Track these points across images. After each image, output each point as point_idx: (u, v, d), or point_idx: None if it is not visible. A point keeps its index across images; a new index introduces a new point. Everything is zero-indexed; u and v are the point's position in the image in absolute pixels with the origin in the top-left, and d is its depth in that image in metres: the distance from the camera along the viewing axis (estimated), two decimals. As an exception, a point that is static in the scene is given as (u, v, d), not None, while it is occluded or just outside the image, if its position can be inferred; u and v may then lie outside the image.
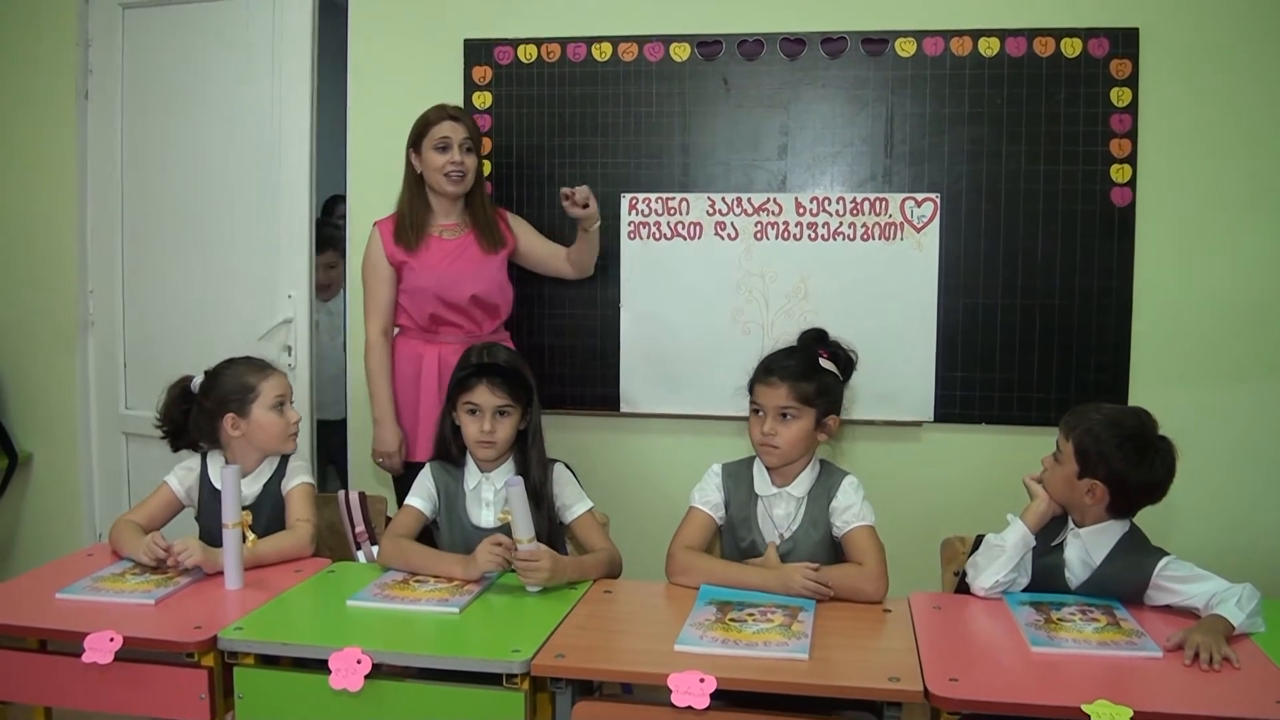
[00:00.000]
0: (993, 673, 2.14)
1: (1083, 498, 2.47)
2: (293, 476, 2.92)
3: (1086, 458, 2.45)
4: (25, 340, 4.28)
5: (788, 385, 2.64)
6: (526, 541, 2.51)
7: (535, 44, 3.84)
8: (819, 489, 2.68)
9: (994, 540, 2.53)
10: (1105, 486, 2.44)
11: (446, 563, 2.65)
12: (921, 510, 3.41)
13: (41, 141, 4.22)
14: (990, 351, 3.65)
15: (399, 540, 2.75)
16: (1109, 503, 2.46)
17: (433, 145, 3.42)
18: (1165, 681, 2.08)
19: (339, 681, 2.14)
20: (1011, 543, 2.50)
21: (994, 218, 3.62)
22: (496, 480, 2.83)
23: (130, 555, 2.72)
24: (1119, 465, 2.43)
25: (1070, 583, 2.52)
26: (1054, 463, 2.54)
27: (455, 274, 3.45)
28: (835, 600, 2.48)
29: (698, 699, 2.03)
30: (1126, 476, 2.43)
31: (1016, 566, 2.50)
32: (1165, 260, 3.57)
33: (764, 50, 3.72)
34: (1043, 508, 2.53)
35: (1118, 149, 3.54)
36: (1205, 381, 3.59)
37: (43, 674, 2.38)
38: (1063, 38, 3.55)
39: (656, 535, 3.22)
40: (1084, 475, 2.46)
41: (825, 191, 3.70)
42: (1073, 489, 2.48)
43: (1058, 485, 2.52)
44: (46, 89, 4.21)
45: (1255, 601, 2.30)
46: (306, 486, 2.92)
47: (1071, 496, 2.50)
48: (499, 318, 3.56)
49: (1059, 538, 2.55)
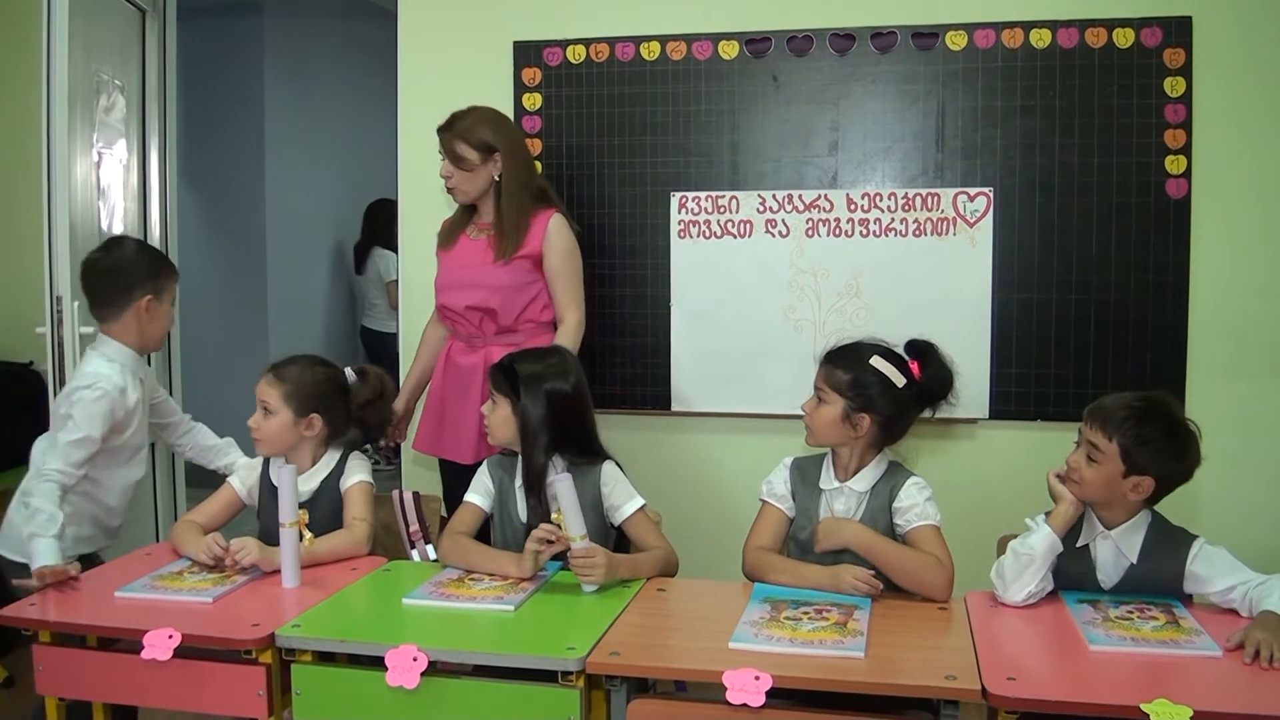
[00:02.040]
0: (1050, 672, 2.12)
1: (1125, 495, 2.42)
2: (351, 474, 2.94)
3: (1134, 456, 2.39)
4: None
5: (825, 368, 2.69)
6: (579, 540, 2.52)
7: (584, 44, 3.85)
8: (882, 486, 2.66)
9: (1021, 549, 2.45)
10: (1153, 480, 2.41)
11: (501, 561, 2.66)
12: (977, 508, 3.37)
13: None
14: (1045, 347, 3.62)
15: (458, 538, 2.77)
16: (1152, 496, 2.44)
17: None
18: (1225, 681, 2.05)
19: (395, 679, 2.16)
20: (1041, 551, 2.43)
21: (1048, 211, 3.59)
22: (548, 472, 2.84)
23: (189, 555, 2.75)
24: (1169, 458, 2.41)
25: (1103, 584, 2.48)
26: (1087, 462, 2.45)
27: (455, 276, 3.49)
28: (896, 597, 2.47)
29: (753, 697, 2.03)
30: (1176, 467, 2.42)
31: (1046, 575, 2.45)
32: (1221, 253, 3.52)
33: (813, 46, 3.70)
34: (1070, 511, 2.46)
35: (1172, 140, 3.50)
36: (1263, 376, 3.54)
37: (102, 671, 2.41)
38: (1115, 28, 3.51)
39: (710, 534, 3.22)
40: (1130, 474, 2.40)
41: (877, 187, 3.69)
42: (1114, 488, 2.42)
43: (1096, 486, 2.44)
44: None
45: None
46: (365, 485, 2.94)
47: (1112, 495, 2.44)
48: (499, 324, 3.43)
49: (1081, 540, 2.50)
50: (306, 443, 2.93)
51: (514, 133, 3.54)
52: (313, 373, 2.94)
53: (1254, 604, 2.29)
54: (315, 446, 2.95)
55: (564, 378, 2.81)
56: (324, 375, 2.96)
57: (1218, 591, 2.38)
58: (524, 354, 2.92)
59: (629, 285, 3.86)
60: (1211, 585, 2.38)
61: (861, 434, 2.64)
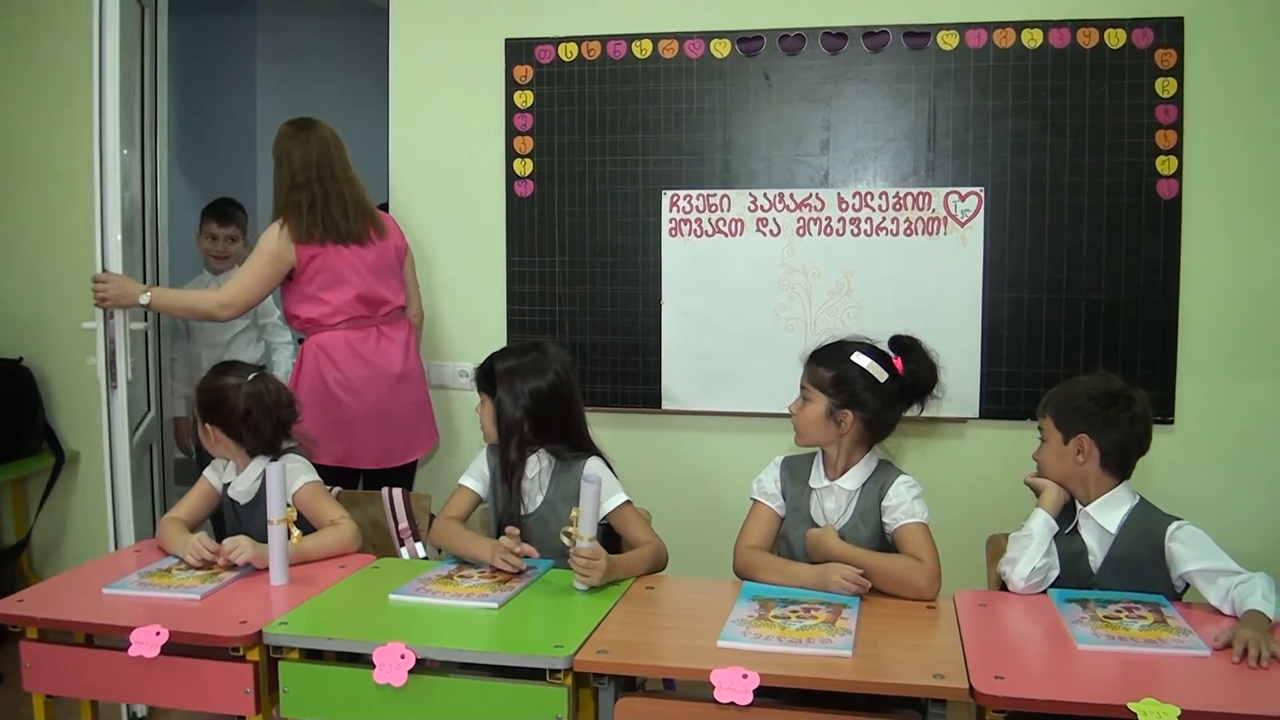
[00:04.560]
0: (1038, 670, 2.12)
1: (1075, 462, 2.54)
2: (293, 479, 2.89)
3: (1064, 419, 2.56)
4: (72, 342, 4.32)
5: (809, 367, 2.72)
6: (587, 540, 2.52)
7: (576, 42, 3.84)
8: (871, 484, 2.66)
9: (1019, 534, 2.56)
10: (1089, 438, 2.51)
11: (478, 545, 2.69)
12: (966, 507, 3.38)
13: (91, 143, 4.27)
14: (1035, 347, 3.63)
15: (447, 522, 2.83)
16: (1100, 457, 2.52)
17: None
18: (1213, 680, 2.05)
19: (383, 676, 2.15)
20: (1037, 528, 2.53)
21: (1038, 211, 3.59)
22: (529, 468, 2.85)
23: (175, 553, 2.75)
24: (1095, 413, 2.52)
25: (1093, 565, 2.52)
26: (1040, 446, 2.63)
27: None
28: (884, 595, 2.47)
29: (741, 695, 2.02)
30: (1106, 421, 2.51)
31: (1048, 552, 2.52)
32: (1212, 253, 3.53)
33: (805, 45, 3.70)
34: (1054, 494, 2.59)
35: (1163, 140, 3.50)
36: (1253, 376, 3.55)
37: (89, 668, 2.41)
38: (1107, 28, 3.51)
39: (699, 532, 3.22)
40: (1068, 439, 2.54)
41: (868, 186, 3.69)
42: (1064, 458, 2.56)
43: (1052, 464, 2.60)
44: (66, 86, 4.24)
45: (1274, 593, 2.30)
46: (314, 485, 2.93)
47: (1066, 467, 2.56)
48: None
49: (1072, 523, 2.57)
50: (223, 449, 2.94)
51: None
52: (209, 381, 2.95)
53: (1237, 604, 2.30)
54: (237, 454, 2.94)
55: (540, 374, 2.82)
56: (215, 384, 2.93)
57: (1196, 571, 2.40)
58: (503, 351, 2.94)
59: (620, 283, 3.85)
60: (1189, 564, 2.41)
61: (846, 430, 2.64)
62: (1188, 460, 3.52)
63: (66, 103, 4.25)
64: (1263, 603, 2.24)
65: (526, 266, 3.94)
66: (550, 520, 2.77)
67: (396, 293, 3.60)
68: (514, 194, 3.93)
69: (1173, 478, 3.46)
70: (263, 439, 2.92)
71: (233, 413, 2.87)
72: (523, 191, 3.92)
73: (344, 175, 3.52)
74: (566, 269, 3.87)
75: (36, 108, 4.32)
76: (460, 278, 4.04)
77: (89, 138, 3.35)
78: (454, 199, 4.01)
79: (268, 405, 2.90)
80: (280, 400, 2.94)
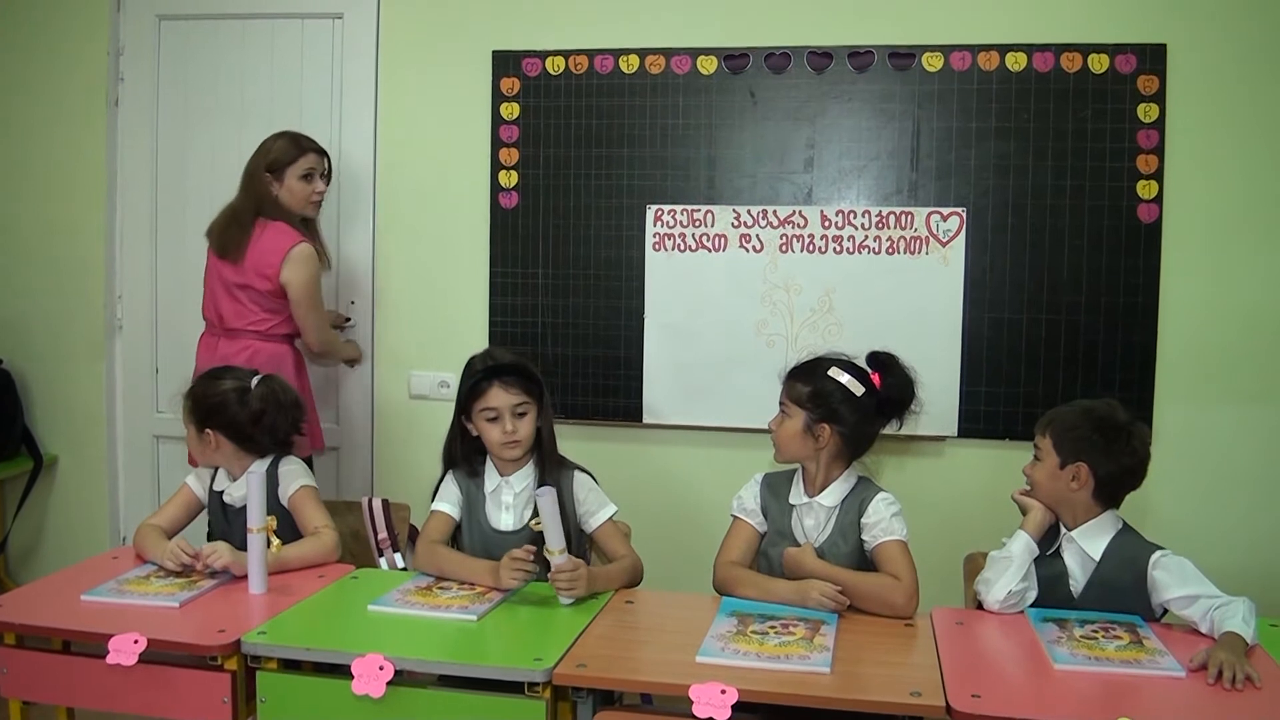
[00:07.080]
0: (1015, 689, 2.13)
1: (1068, 488, 2.53)
2: (289, 482, 2.91)
3: (1064, 444, 2.54)
4: (51, 345, 4.30)
5: (788, 383, 2.74)
6: (558, 553, 2.51)
7: (563, 56, 3.86)
8: (851, 500, 2.68)
9: (999, 554, 2.56)
10: (1088, 467, 2.50)
11: (478, 571, 2.65)
12: (944, 525, 3.40)
13: (72, 147, 4.25)
14: (1015, 367, 3.65)
15: (433, 546, 2.78)
16: (1094, 488, 2.51)
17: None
18: (1188, 701, 2.06)
19: (361, 687, 2.15)
20: (1017, 551, 2.53)
21: (1020, 232, 3.62)
22: (515, 484, 2.86)
23: (154, 560, 2.74)
24: (1098, 443, 2.51)
25: (1074, 589, 2.53)
26: (1034, 464, 2.61)
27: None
28: (862, 612, 2.48)
29: (719, 710, 2.03)
30: (1106, 453, 2.50)
31: (1026, 576, 2.52)
32: (1191, 277, 3.57)
33: (791, 63, 3.72)
34: (1039, 516, 2.57)
35: (1144, 165, 3.53)
36: (1231, 399, 3.58)
37: (66, 675, 2.39)
38: (1090, 53, 3.54)
39: (679, 546, 3.23)
40: (1065, 464, 2.52)
41: (851, 205, 3.71)
42: (1057, 481, 2.54)
43: (1044, 484, 2.58)
44: (78, 95, 4.24)
45: (1254, 617, 2.31)
46: (308, 490, 2.92)
47: (1058, 490, 2.55)
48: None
49: (1055, 545, 2.57)
50: (221, 456, 2.93)
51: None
52: (205, 388, 2.93)
53: (1216, 625, 2.31)
54: (235, 458, 2.93)
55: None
56: (215, 389, 2.91)
57: (1177, 598, 2.41)
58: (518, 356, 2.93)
59: (603, 297, 3.86)
60: (1171, 591, 2.42)
61: (824, 445, 2.66)
62: (1165, 481, 3.54)
63: (56, 109, 4.26)
64: (1242, 625, 2.26)
65: (509, 278, 3.94)
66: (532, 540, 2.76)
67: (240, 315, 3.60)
68: (498, 205, 3.94)
69: (1150, 498, 3.47)
70: (277, 438, 2.94)
71: (243, 415, 2.88)
72: (507, 203, 3.92)
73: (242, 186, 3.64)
74: (549, 281, 3.88)
75: (15, 115, 4.32)
76: (443, 288, 4.04)
77: (76, 143, 3.34)
78: (438, 209, 4.02)
79: (283, 404, 2.93)
80: (292, 399, 2.97)
